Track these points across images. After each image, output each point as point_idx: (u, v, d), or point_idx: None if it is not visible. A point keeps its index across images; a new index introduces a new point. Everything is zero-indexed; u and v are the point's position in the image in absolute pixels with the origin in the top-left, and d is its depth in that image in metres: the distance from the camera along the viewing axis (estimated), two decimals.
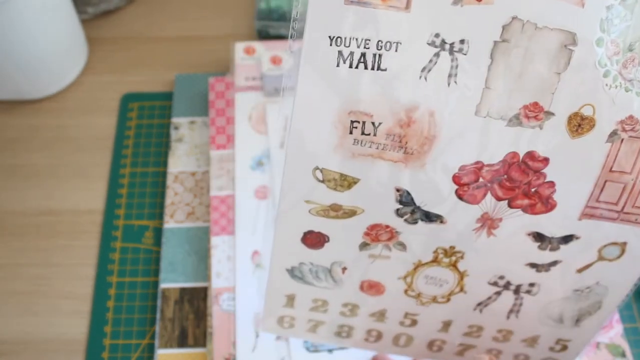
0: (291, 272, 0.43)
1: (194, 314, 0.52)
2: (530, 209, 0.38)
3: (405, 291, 0.43)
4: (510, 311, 0.44)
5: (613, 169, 0.36)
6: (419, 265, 0.41)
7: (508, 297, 0.43)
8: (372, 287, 0.43)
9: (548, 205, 0.37)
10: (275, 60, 0.61)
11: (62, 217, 0.57)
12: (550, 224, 0.38)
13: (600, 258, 0.40)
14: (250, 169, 0.56)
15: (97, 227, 0.57)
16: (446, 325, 0.46)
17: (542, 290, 0.42)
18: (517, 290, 0.42)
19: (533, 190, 0.37)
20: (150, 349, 0.51)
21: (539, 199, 0.37)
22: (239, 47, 0.62)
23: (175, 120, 0.61)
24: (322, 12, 0.31)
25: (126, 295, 0.53)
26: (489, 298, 0.43)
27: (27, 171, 0.59)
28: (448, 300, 0.44)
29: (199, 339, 0.51)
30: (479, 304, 0.44)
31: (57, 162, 0.60)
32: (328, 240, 0.40)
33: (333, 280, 0.43)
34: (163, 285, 0.53)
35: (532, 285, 0.42)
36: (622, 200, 0.37)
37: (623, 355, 0.50)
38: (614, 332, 0.51)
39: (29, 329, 0.52)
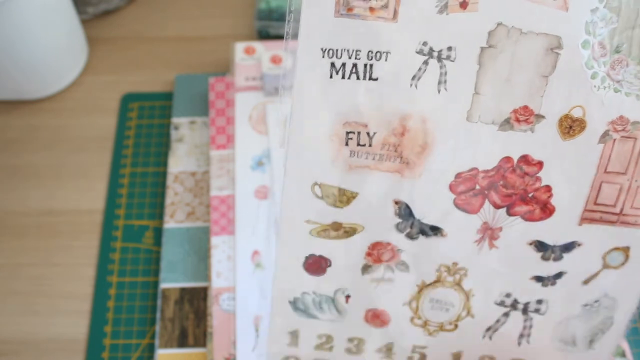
0: (294, 304, 0.42)
1: (194, 314, 0.52)
2: (529, 216, 0.38)
3: (412, 319, 0.42)
4: (521, 336, 0.43)
5: (608, 170, 0.36)
6: (423, 287, 0.41)
7: (517, 319, 0.42)
8: (377, 317, 0.42)
9: (546, 210, 0.37)
10: (275, 60, 0.61)
11: (62, 217, 0.57)
12: (551, 231, 0.38)
13: (605, 266, 0.40)
14: (250, 169, 0.56)
15: (97, 227, 0.57)
16: (456, 357, 0.44)
17: (551, 308, 0.41)
18: (525, 310, 0.42)
19: (530, 195, 0.37)
20: (151, 348, 0.51)
21: (537, 204, 0.37)
22: (239, 47, 0.62)
23: (175, 120, 0.61)
24: (314, 25, 0.32)
25: (126, 295, 0.53)
26: (498, 321, 0.42)
27: (27, 171, 0.59)
28: (456, 327, 0.42)
29: (199, 339, 0.51)
30: (488, 329, 0.43)
31: (58, 162, 0.60)
32: (330, 265, 0.40)
33: (337, 310, 0.42)
34: (163, 285, 0.53)
35: (539, 302, 0.41)
36: (619, 202, 0.37)
37: (623, 355, 0.50)
38: None
39: (29, 329, 0.52)
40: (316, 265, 0.40)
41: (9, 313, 0.53)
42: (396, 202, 0.37)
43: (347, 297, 0.41)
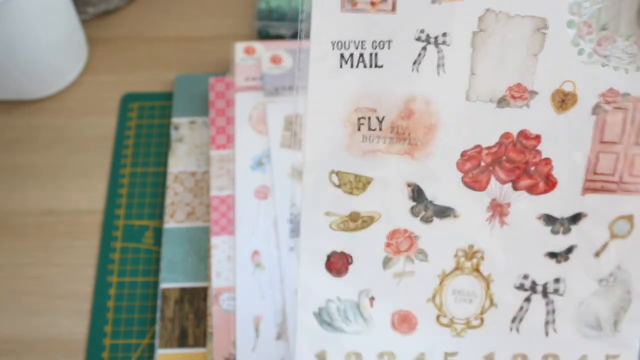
0: (319, 316, 0.42)
1: (194, 314, 0.52)
2: (534, 189, 0.40)
3: (438, 318, 0.42)
4: (546, 323, 0.43)
5: (603, 140, 0.39)
6: (444, 278, 0.42)
7: (539, 304, 0.43)
8: (404, 321, 0.42)
9: (549, 183, 0.40)
10: (275, 60, 0.61)
11: (62, 217, 0.57)
12: (557, 203, 0.40)
13: (613, 236, 0.41)
14: (250, 169, 0.56)
15: (97, 227, 0.57)
16: None
17: (569, 287, 0.42)
18: (544, 292, 0.42)
19: (532, 169, 0.39)
20: (151, 348, 0.51)
21: (540, 178, 0.40)
22: (239, 47, 0.62)
23: (175, 120, 0.61)
24: (324, 21, 0.36)
25: (126, 295, 0.53)
26: (521, 308, 0.43)
27: (27, 171, 0.59)
28: (482, 321, 0.43)
29: (199, 339, 0.51)
30: (514, 320, 0.43)
31: (58, 162, 0.60)
32: (352, 262, 0.41)
33: (363, 318, 0.42)
34: (163, 285, 0.53)
35: (557, 281, 0.42)
36: (618, 170, 0.40)
37: None
38: None
39: (29, 329, 0.52)
40: (338, 263, 0.41)
41: (9, 313, 0.53)
42: (409, 185, 0.39)
43: (372, 299, 0.42)
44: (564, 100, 0.38)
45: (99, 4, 0.67)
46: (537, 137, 0.39)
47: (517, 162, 0.39)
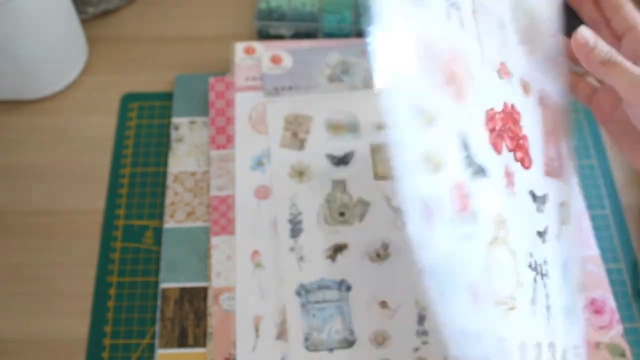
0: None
1: (194, 313, 0.52)
2: (524, 163, 0.42)
3: (490, 295, 0.40)
4: (547, 308, 0.42)
5: (546, 129, 0.43)
6: (488, 247, 0.39)
7: (540, 285, 0.42)
8: (476, 297, 0.39)
9: (529, 159, 0.42)
10: (275, 60, 0.61)
11: (62, 217, 0.57)
12: (535, 181, 0.42)
13: (562, 221, 0.44)
14: (250, 169, 0.56)
15: (97, 227, 0.57)
16: (523, 350, 0.41)
17: (550, 269, 0.42)
18: (542, 274, 0.42)
19: (521, 142, 0.42)
20: (151, 348, 0.51)
21: (525, 153, 0.42)
22: (239, 47, 0.62)
23: (175, 120, 0.61)
24: None
25: (126, 295, 0.53)
26: (534, 290, 0.42)
27: (27, 171, 0.59)
28: (514, 304, 0.40)
29: (199, 338, 0.51)
30: (532, 303, 0.41)
31: (57, 162, 0.60)
32: (432, 217, 0.37)
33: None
34: (163, 285, 0.53)
35: (545, 263, 0.42)
36: (556, 157, 0.44)
37: (623, 355, 0.50)
38: (614, 332, 0.51)
39: (29, 329, 0.52)
40: (429, 211, 0.37)
41: (9, 313, 0.53)
42: (459, 134, 0.38)
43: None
44: (526, 87, 0.43)
45: (99, 4, 0.67)
46: (519, 113, 0.42)
47: (515, 133, 0.41)
